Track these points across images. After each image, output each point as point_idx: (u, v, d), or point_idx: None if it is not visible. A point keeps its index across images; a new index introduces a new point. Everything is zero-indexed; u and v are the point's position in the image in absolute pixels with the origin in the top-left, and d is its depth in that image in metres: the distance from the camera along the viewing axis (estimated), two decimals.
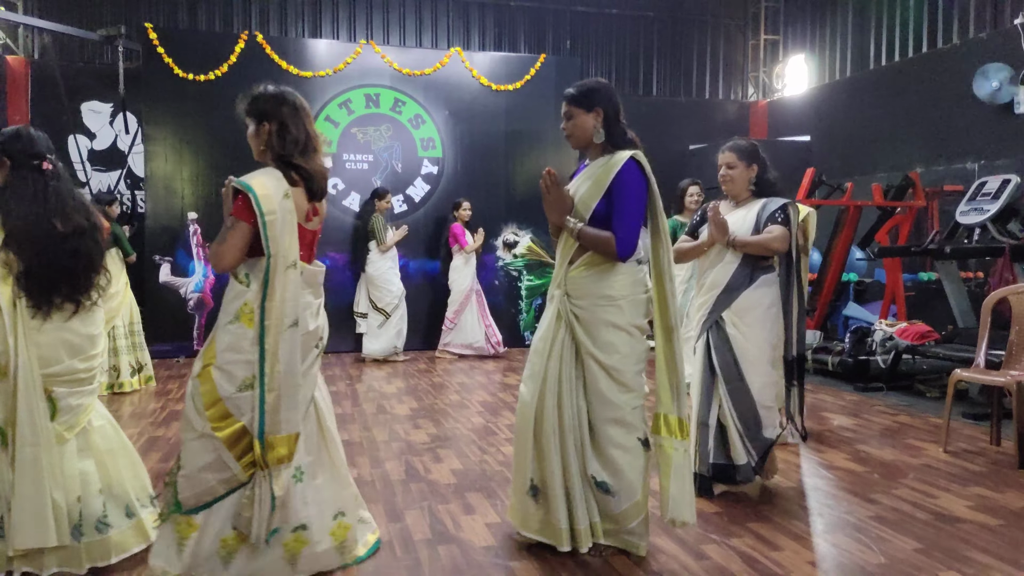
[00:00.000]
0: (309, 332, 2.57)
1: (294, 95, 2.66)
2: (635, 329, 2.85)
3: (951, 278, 6.37)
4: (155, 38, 7.69)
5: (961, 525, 3.21)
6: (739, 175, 3.61)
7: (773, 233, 3.46)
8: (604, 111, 2.91)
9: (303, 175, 2.54)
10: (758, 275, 3.51)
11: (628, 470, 2.81)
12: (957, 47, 8.36)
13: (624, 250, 2.77)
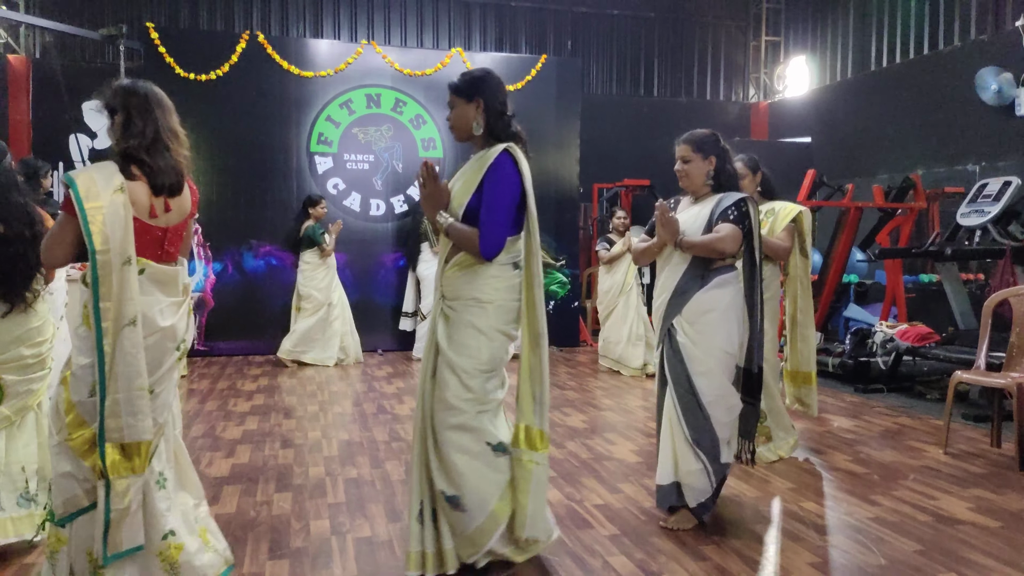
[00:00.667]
0: (161, 330, 2.39)
1: (148, 88, 2.47)
2: (498, 334, 2.67)
3: (952, 280, 6.37)
4: (156, 38, 7.69)
5: (961, 527, 3.21)
6: (694, 169, 3.30)
7: (720, 233, 3.13)
8: (485, 102, 2.69)
9: (145, 170, 2.40)
10: (711, 276, 3.18)
11: (474, 476, 2.60)
12: (958, 49, 8.36)
13: (486, 248, 2.58)
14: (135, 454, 2.30)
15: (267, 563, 2.83)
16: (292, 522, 3.24)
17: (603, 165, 9.96)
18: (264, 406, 5.54)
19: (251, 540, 3.04)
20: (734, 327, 3.17)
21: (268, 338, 7.81)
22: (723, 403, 3.15)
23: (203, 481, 3.74)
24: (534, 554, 2.76)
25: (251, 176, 7.91)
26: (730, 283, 3.21)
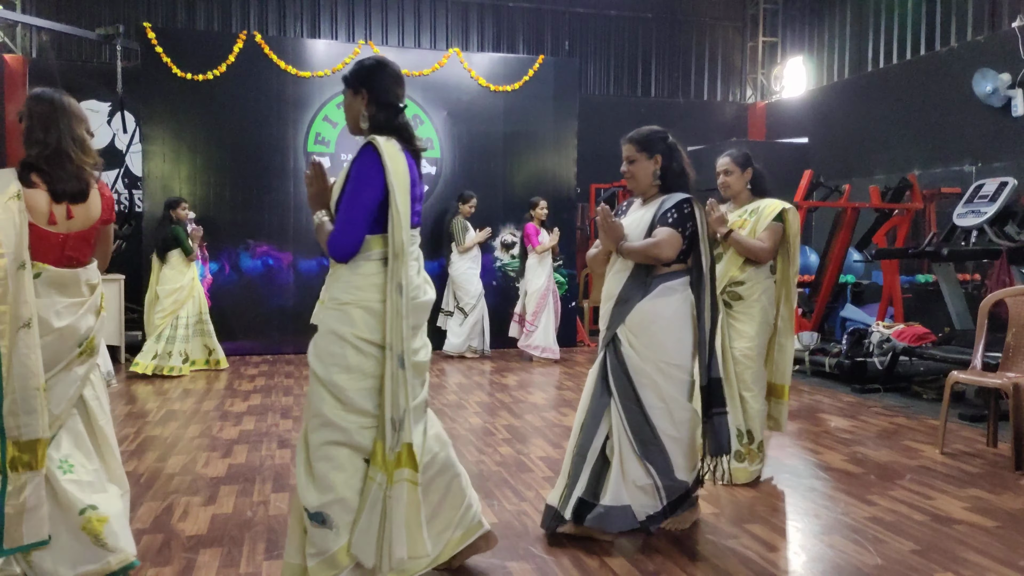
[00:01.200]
0: (57, 331, 2.45)
1: (55, 96, 2.50)
2: (365, 344, 2.35)
3: (948, 280, 6.38)
4: (153, 37, 7.68)
5: (957, 527, 3.22)
6: (639, 169, 3.11)
7: (655, 238, 2.95)
8: (370, 93, 2.52)
9: (44, 178, 2.44)
10: (655, 283, 2.99)
11: (344, 488, 2.34)
12: (955, 50, 8.38)
13: (333, 248, 2.39)
14: (31, 451, 2.38)
15: (263, 563, 2.83)
16: (289, 522, 3.23)
17: (600, 165, 9.95)
18: (261, 406, 5.54)
19: (248, 540, 3.04)
20: (685, 337, 3.01)
21: (265, 338, 7.81)
22: (672, 417, 2.97)
23: (200, 481, 3.75)
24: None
25: (248, 176, 7.90)
26: (676, 291, 3.02)
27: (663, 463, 2.97)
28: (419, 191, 2.55)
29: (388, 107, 2.54)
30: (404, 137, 2.53)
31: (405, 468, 2.35)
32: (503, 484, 3.76)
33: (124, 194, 9.00)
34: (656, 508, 3.00)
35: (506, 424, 5.03)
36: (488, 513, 3.35)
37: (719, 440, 3.05)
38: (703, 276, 3.01)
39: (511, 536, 3.09)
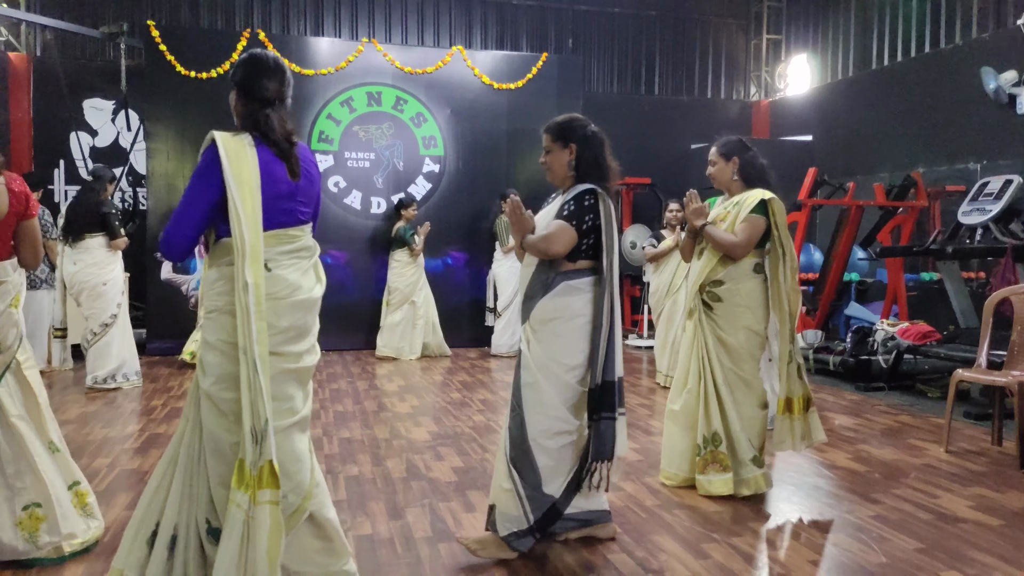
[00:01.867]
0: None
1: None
2: (228, 347, 2.22)
3: (953, 278, 6.36)
4: (157, 36, 7.68)
5: (962, 525, 3.21)
6: (554, 159, 2.96)
7: (546, 231, 2.82)
8: (237, 87, 2.47)
9: None
10: (557, 281, 2.84)
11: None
12: (959, 47, 8.35)
13: (161, 244, 2.31)
14: None
15: None
16: None
17: None
18: None
19: None
20: (580, 341, 2.82)
21: None
22: (545, 425, 2.79)
23: None
24: None
25: None
26: (580, 291, 2.84)
27: (531, 473, 2.79)
28: (290, 188, 2.37)
29: (254, 101, 2.44)
30: (264, 132, 2.39)
31: (267, 489, 2.12)
32: None
33: (128, 192, 9.01)
34: (520, 523, 2.79)
35: None
36: None
37: (600, 445, 2.77)
38: (603, 273, 2.82)
39: None
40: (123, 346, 5.98)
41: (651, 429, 4.84)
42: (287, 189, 2.37)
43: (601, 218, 2.83)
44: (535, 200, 8.24)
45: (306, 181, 2.44)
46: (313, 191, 2.48)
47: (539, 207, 3.08)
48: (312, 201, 2.48)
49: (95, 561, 2.78)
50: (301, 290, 2.35)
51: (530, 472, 2.80)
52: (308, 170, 2.46)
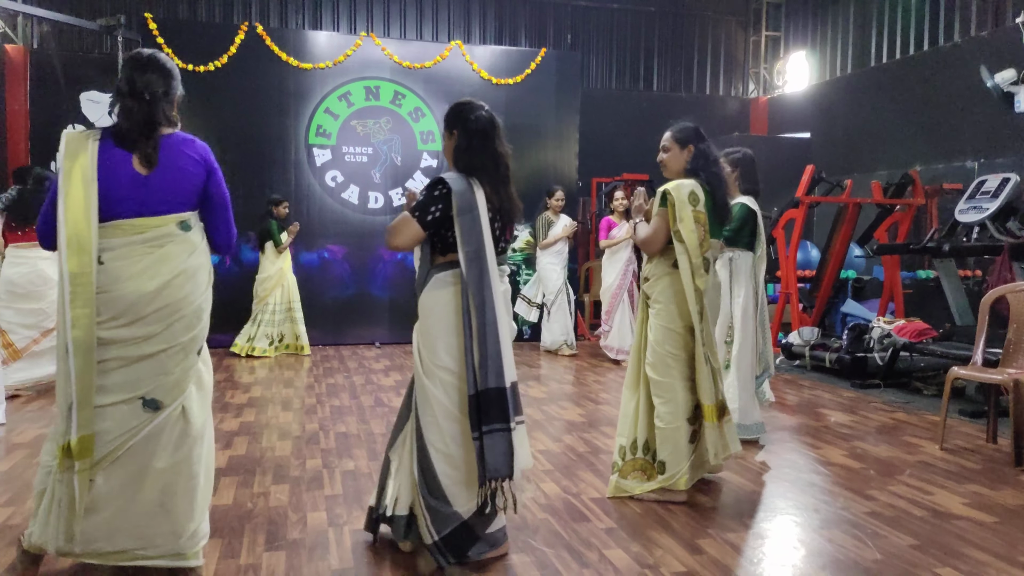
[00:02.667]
0: None
1: None
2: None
3: (949, 276, 6.37)
4: (155, 28, 7.66)
5: (957, 522, 3.22)
6: (444, 150, 2.88)
7: (392, 223, 2.72)
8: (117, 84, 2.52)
9: None
10: (432, 274, 2.73)
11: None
12: (958, 45, 8.36)
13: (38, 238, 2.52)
14: None
15: (264, 554, 2.84)
16: (289, 514, 3.24)
17: (602, 159, 9.95)
18: (262, 398, 5.54)
19: (248, 531, 3.04)
20: (452, 339, 2.66)
21: None
22: (437, 429, 2.65)
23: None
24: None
25: (249, 168, 7.89)
26: (448, 284, 2.69)
27: (433, 482, 2.64)
28: (136, 179, 2.45)
29: (114, 95, 2.51)
30: (115, 127, 2.47)
31: (77, 460, 2.35)
32: None
33: None
34: (426, 540, 2.66)
35: None
36: None
37: (493, 461, 2.55)
38: (469, 268, 2.62)
39: (511, 529, 3.09)
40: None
41: None
42: (130, 180, 2.44)
43: (454, 208, 2.63)
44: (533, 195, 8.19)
45: (168, 172, 2.51)
46: (182, 184, 2.54)
47: (538, 203, 3.06)
48: (179, 190, 2.54)
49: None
50: (153, 275, 2.46)
51: (432, 480, 2.63)
52: (175, 162, 2.53)
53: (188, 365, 2.56)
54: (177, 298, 2.51)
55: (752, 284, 4.44)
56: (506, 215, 2.81)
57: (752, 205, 4.45)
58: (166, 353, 2.50)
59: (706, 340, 3.35)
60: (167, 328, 2.50)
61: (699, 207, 3.33)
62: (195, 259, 2.59)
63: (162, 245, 2.50)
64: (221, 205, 2.69)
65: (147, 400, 2.48)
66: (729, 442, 3.42)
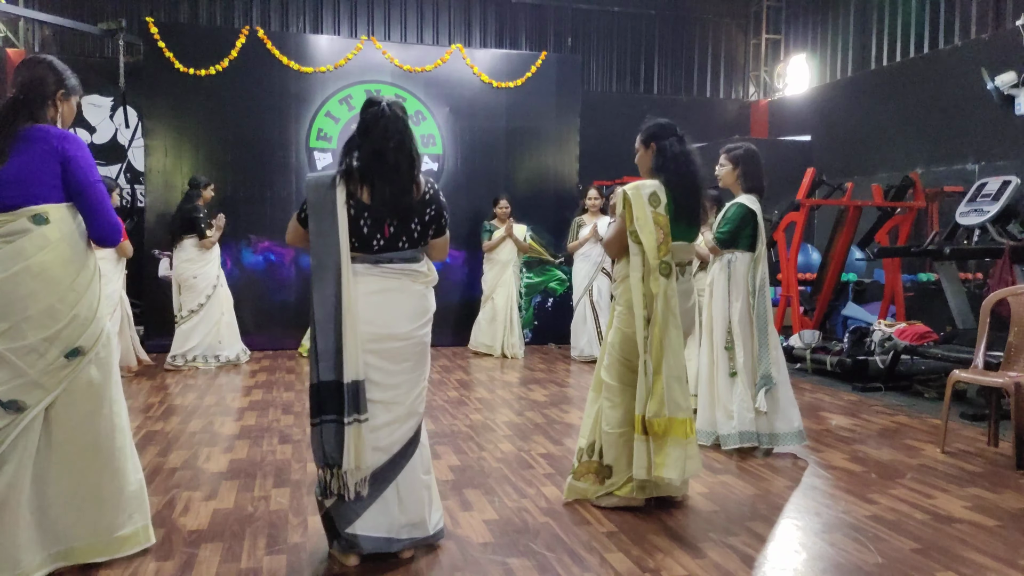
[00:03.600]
0: None
1: None
2: None
3: (950, 279, 6.37)
4: (156, 32, 7.67)
5: (958, 525, 3.22)
6: None
7: None
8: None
9: None
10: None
11: None
12: (958, 48, 8.36)
13: None
14: None
15: (264, 558, 2.83)
16: (290, 517, 3.24)
17: (602, 162, 9.95)
18: (262, 402, 5.54)
19: (248, 535, 3.04)
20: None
21: (267, 334, 7.82)
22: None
23: (201, 477, 3.75)
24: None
25: (250, 172, 7.90)
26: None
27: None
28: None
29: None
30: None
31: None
32: (504, 480, 3.76)
33: (126, 189, 9.00)
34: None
35: (506, 421, 5.03)
36: (488, 509, 3.36)
37: (318, 448, 2.66)
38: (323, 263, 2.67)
39: (511, 532, 3.09)
40: (206, 332, 6.89)
41: None
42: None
43: (310, 207, 2.69)
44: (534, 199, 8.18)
45: (16, 165, 2.52)
46: (31, 174, 2.53)
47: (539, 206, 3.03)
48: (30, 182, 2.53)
49: None
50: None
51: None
52: (21, 155, 2.54)
53: (47, 367, 2.51)
54: (20, 295, 2.46)
55: (749, 287, 4.28)
56: (376, 213, 2.70)
57: (751, 205, 4.28)
58: (14, 353, 2.46)
59: (652, 348, 3.18)
60: (11, 327, 2.46)
61: (659, 209, 3.24)
62: (47, 255, 2.51)
63: (11, 241, 2.49)
64: (86, 195, 2.63)
65: (5, 402, 2.46)
66: (661, 464, 3.15)
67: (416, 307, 2.79)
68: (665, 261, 3.22)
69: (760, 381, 4.20)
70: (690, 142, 3.40)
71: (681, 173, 3.32)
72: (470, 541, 3.01)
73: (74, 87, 2.83)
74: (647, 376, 3.18)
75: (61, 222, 2.56)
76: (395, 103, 2.81)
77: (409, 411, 2.78)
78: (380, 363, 2.71)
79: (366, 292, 2.70)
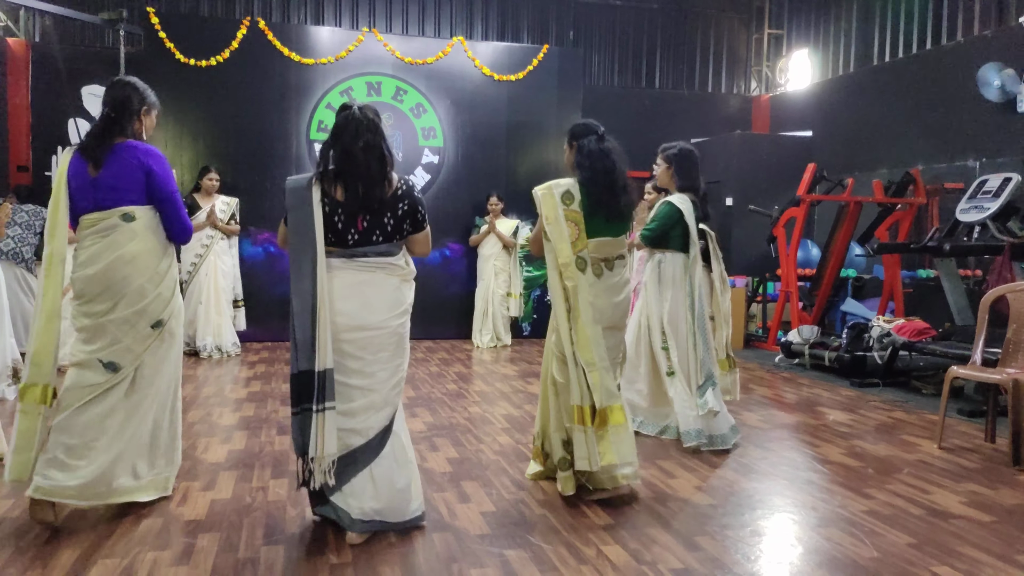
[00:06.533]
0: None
1: None
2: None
3: (950, 276, 6.37)
4: (157, 23, 7.66)
5: (954, 521, 3.23)
6: None
7: None
8: None
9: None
10: None
11: None
12: (961, 44, 8.34)
13: None
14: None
15: (262, 548, 2.84)
16: (288, 508, 3.25)
17: None
18: (261, 393, 5.55)
19: (246, 525, 3.05)
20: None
21: (265, 325, 7.82)
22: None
23: (199, 467, 3.76)
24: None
25: (250, 163, 7.89)
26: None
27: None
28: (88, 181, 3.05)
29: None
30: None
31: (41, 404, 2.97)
32: (501, 472, 3.77)
33: None
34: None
35: (505, 414, 5.04)
36: (486, 501, 3.37)
37: (296, 440, 2.80)
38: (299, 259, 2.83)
39: (508, 524, 3.10)
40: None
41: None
42: (84, 183, 3.06)
43: (288, 207, 2.86)
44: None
45: (110, 173, 3.06)
46: (122, 181, 3.06)
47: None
48: (122, 188, 3.06)
49: None
50: (98, 260, 3.03)
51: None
52: (114, 164, 3.06)
53: (137, 335, 3.06)
54: (117, 279, 3.04)
55: (685, 288, 4.27)
56: (349, 209, 2.84)
57: (680, 204, 4.24)
58: (114, 324, 3.03)
59: (578, 340, 3.23)
60: (112, 304, 3.04)
61: (573, 206, 3.30)
62: (135, 245, 3.06)
63: (109, 233, 3.05)
64: (164, 203, 3.15)
65: (105, 363, 3.02)
66: (605, 452, 3.21)
67: (390, 299, 2.91)
68: (581, 256, 3.28)
69: (704, 382, 4.18)
70: (611, 141, 3.43)
71: (597, 170, 3.36)
72: (467, 533, 3.02)
73: (154, 103, 3.27)
74: (578, 367, 3.22)
75: (145, 219, 3.10)
76: (366, 107, 2.92)
77: (385, 400, 2.91)
78: (357, 352, 2.85)
79: (342, 285, 2.84)
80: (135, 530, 2.96)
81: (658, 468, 3.89)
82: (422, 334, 8.03)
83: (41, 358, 2.96)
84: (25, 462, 2.94)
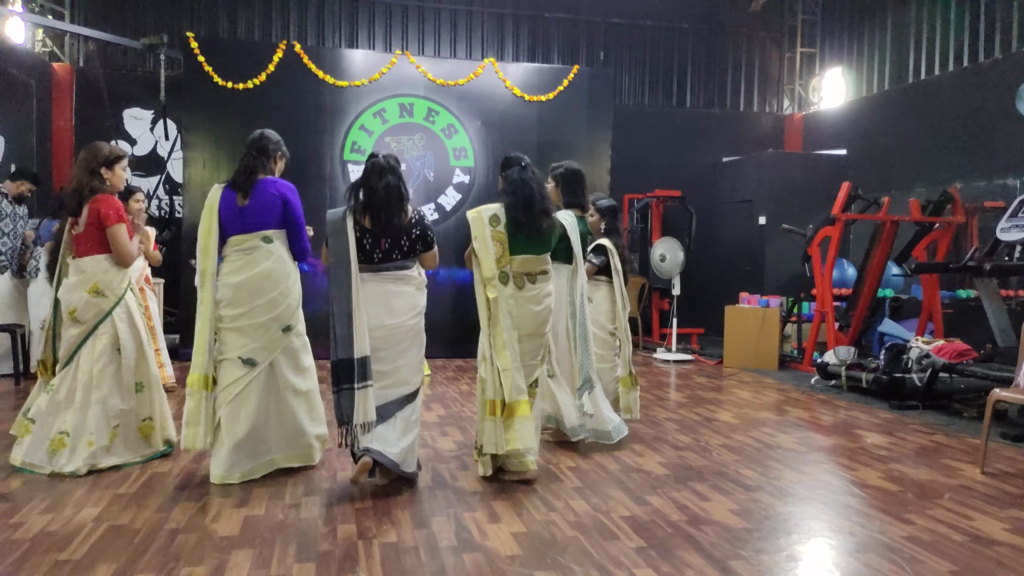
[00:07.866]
0: (61, 300, 4.06)
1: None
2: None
3: (991, 296, 6.24)
4: (196, 47, 7.84)
5: (998, 548, 3.13)
6: None
7: None
8: None
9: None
10: None
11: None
12: (999, 61, 8.22)
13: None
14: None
15: (294, 566, 2.85)
16: (320, 525, 3.26)
17: (634, 176, 9.94)
18: None
19: (279, 543, 3.07)
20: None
21: None
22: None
23: (233, 484, 3.79)
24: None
25: None
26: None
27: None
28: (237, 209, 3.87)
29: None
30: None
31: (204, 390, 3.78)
32: (531, 492, 3.75)
33: (165, 200, 9.18)
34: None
35: None
36: (516, 521, 3.35)
37: (338, 412, 3.52)
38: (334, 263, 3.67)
39: (540, 545, 3.08)
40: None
41: (678, 443, 4.80)
42: (233, 211, 3.85)
43: (328, 233, 3.64)
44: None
45: (254, 202, 3.87)
46: (264, 209, 3.86)
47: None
48: (263, 215, 3.87)
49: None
50: (241, 272, 3.82)
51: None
52: (257, 196, 3.87)
53: (271, 337, 3.85)
54: (255, 290, 3.82)
55: (567, 297, 4.45)
56: (375, 234, 3.67)
57: (564, 219, 4.36)
58: (252, 327, 3.81)
59: (495, 344, 3.79)
60: (250, 310, 3.82)
61: (499, 227, 3.86)
62: (272, 263, 3.87)
63: (252, 251, 3.85)
64: (294, 228, 3.97)
65: (244, 359, 3.81)
66: (511, 439, 3.73)
67: (408, 303, 3.75)
68: (504, 271, 3.85)
69: (582, 384, 4.45)
70: (532, 171, 4.05)
71: (518, 196, 3.93)
72: (498, 553, 3.00)
73: (285, 151, 4.16)
74: (494, 367, 3.77)
75: (279, 241, 3.91)
76: (390, 155, 3.76)
77: (404, 380, 3.75)
78: (382, 344, 3.66)
79: (369, 293, 3.64)
80: (170, 546, 2.99)
81: (691, 491, 3.84)
82: (452, 353, 8.03)
83: (200, 354, 3.73)
84: (194, 434, 3.68)
